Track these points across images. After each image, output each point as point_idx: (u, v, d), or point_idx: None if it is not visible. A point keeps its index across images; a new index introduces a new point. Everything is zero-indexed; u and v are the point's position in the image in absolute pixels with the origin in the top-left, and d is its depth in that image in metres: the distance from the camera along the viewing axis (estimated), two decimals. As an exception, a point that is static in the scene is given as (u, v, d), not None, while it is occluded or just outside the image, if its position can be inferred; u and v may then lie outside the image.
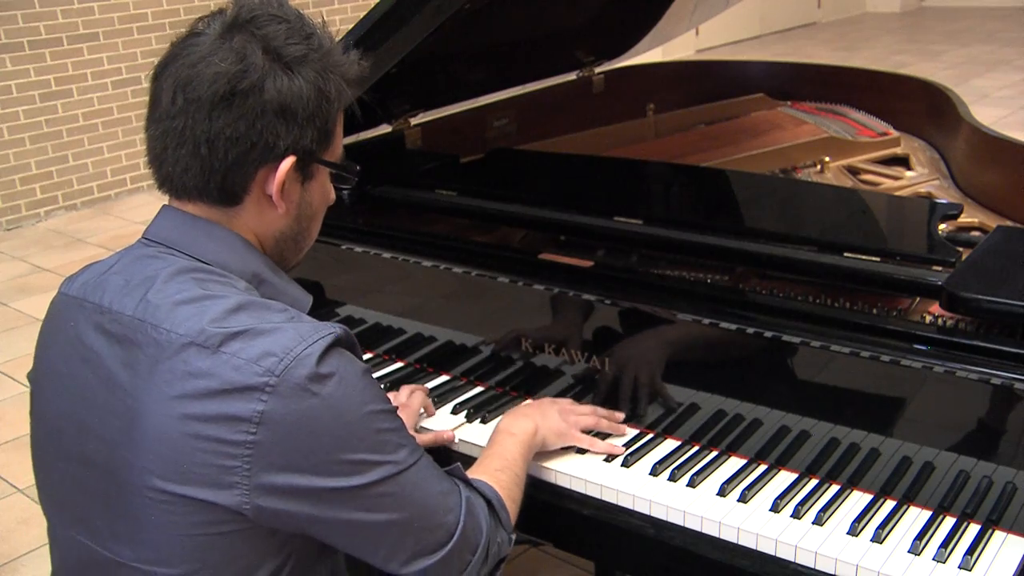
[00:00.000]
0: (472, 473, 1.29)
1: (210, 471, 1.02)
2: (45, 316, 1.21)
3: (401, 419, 1.14)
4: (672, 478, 1.41)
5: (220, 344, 1.03)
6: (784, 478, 1.40)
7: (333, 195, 1.24)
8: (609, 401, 1.55)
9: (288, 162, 1.12)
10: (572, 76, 2.60)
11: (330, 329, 1.07)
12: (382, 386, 1.70)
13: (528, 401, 1.54)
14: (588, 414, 1.50)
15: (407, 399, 1.59)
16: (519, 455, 1.36)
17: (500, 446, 1.38)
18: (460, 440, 1.55)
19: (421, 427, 1.59)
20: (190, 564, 1.06)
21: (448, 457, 1.55)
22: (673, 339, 1.48)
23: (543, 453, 1.45)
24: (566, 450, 1.48)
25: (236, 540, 1.06)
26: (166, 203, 1.17)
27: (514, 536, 1.25)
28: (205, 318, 1.05)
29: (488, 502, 1.23)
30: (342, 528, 1.08)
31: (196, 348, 1.03)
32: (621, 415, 1.53)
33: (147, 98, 1.14)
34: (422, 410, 1.61)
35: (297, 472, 1.03)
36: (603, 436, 1.51)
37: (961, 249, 1.46)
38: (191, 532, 1.05)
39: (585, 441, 1.47)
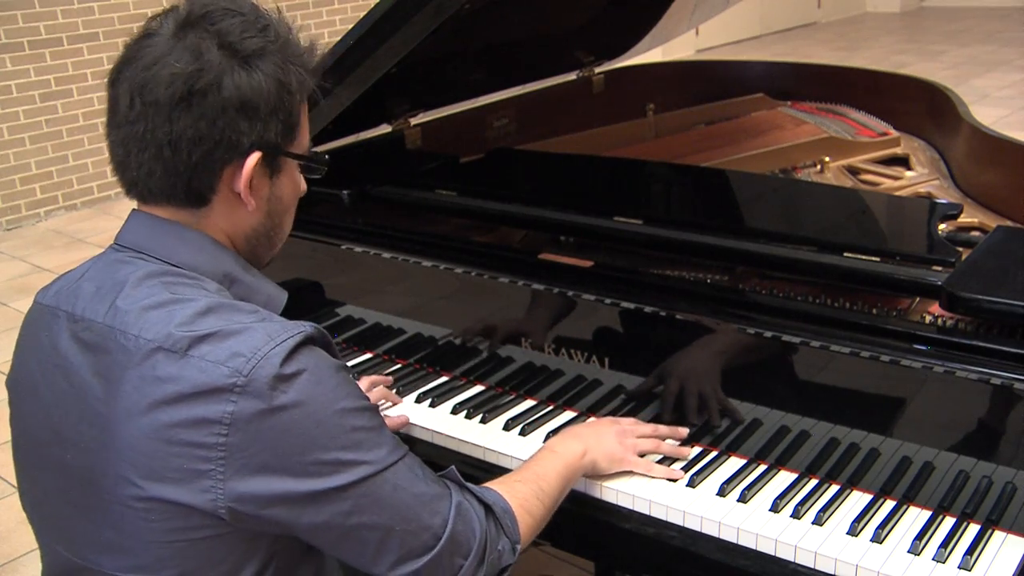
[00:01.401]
0: (495, 480, 1.26)
1: (185, 475, 1.01)
2: (22, 324, 1.20)
3: (380, 417, 1.12)
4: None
5: (188, 348, 1.02)
6: (784, 478, 1.40)
7: (304, 186, 1.23)
8: (608, 400, 1.55)
9: (254, 158, 1.10)
10: (572, 76, 2.60)
11: (300, 328, 1.05)
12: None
13: (591, 420, 1.48)
14: (649, 435, 1.45)
15: (366, 391, 1.59)
16: (554, 473, 1.31)
17: (536, 461, 1.34)
18: (454, 437, 1.55)
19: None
20: (170, 570, 1.05)
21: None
22: (673, 340, 1.48)
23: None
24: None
25: (215, 544, 1.04)
26: (135, 207, 1.16)
27: (519, 547, 1.21)
28: (172, 322, 1.04)
29: (487, 507, 1.19)
30: (322, 531, 1.06)
31: (164, 353, 1.02)
32: (685, 431, 1.48)
33: (108, 96, 1.13)
34: (384, 402, 1.62)
35: (271, 474, 1.02)
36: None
37: (961, 249, 1.46)
38: (170, 538, 1.04)
39: (642, 466, 1.41)
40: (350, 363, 1.79)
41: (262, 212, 1.17)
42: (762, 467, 1.42)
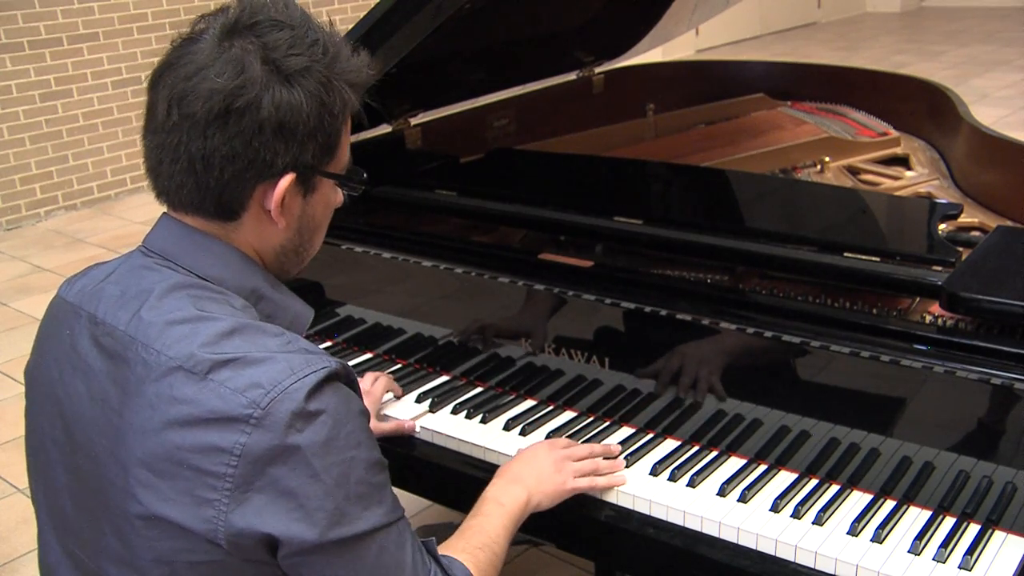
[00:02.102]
0: (451, 544, 1.21)
1: (190, 500, 1.00)
2: (44, 316, 1.19)
3: (387, 473, 1.09)
4: (672, 478, 1.41)
5: (208, 371, 1.00)
6: (784, 478, 1.40)
7: (340, 199, 1.20)
8: (608, 400, 1.55)
9: (287, 179, 1.08)
10: (572, 76, 2.60)
11: (324, 363, 1.02)
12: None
13: (524, 450, 1.44)
14: (585, 456, 1.43)
15: (370, 387, 1.59)
16: (503, 531, 1.27)
17: (487, 518, 1.28)
18: (455, 437, 1.55)
19: (384, 415, 1.60)
20: None
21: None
22: (673, 340, 1.48)
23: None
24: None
25: (216, 569, 1.03)
26: (166, 211, 1.14)
27: None
28: (196, 342, 1.02)
29: None
30: (295, 571, 1.03)
31: (184, 373, 1.01)
32: (617, 447, 1.47)
33: (148, 98, 1.11)
34: (390, 394, 1.61)
35: (271, 512, 0.99)
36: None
37: (961, 249, 1.46)
38: (170, 558, 1.02)
39: (583, 486, 1.40)
40: (350, 363, 1.79)
41: (292, 230, 1.14)
42: (762, 467, 1.42)
